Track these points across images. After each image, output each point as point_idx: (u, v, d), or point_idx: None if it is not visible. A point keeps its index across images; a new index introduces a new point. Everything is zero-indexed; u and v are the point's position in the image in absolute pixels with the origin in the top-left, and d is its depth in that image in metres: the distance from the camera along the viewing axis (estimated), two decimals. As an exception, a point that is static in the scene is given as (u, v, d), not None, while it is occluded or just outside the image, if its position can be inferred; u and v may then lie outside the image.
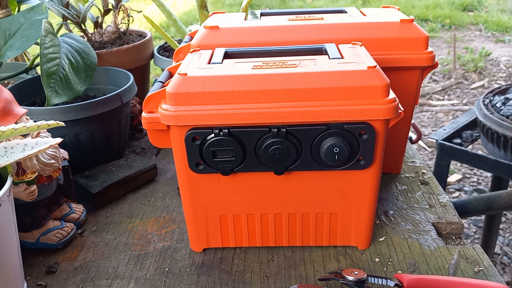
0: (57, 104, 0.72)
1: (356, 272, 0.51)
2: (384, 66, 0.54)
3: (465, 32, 3.82)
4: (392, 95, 0.49)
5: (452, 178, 2.08)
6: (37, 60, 0.83)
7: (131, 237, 0.64)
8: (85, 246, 0.63)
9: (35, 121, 0.49)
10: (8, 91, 0.56)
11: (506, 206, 1.30)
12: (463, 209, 1.31)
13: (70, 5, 0.91)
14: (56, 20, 0.92)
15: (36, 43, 0.79)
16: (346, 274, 0.51)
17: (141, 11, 1.01)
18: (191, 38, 0.71)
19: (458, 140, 1.47)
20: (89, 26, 0.98)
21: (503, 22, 3.84)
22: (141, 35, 1.04)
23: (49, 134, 0.60)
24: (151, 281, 0.56)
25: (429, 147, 2.35)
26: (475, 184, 2.07)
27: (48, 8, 0.84)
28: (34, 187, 0.56)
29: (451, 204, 0.68)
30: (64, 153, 0.64)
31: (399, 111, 0.50)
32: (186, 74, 0.50)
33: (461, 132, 1.50)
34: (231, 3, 4.39)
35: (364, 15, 0.70)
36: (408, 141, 0.78)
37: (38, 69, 0.79)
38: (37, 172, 0.56)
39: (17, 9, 0.97)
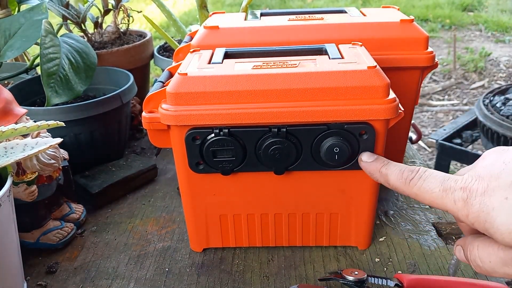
0: (57, 104, 0.72)
1: (356, 272, 0.51)
2: (384, 66, 0.54)
3: (465, 32, 3.82)
4: (392, 95, 0.49)
5: (452, 178, 2.07)
6: (37, 60, 0.83)
7: (131, 237, 0.64)
8: (85, 246, 0.63)
9: (35, 121, 0.49)
10: (8, 91, 0.56)
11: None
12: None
13: (70, 5, 0.91)
14: (56, 20, 0.92)
15: (36, 43, 0.79)
16: (346, 274, 0.51)
17: (141, 11, 1.01)
18: (191, 38, 0.71)
19: (458, 140, 1.47)
20: (89, 26, 0.98)
21: (503, 22, 3.84)
22: (141, 35, 1.04)
23: (49, 134, 0.60)
24: (151, 281, 0.56)
25: (429, 147, 2.35)
26: (475, 184, 2.06)
27: (48, 8, 0.84)
28: (34, 187, 0.56)
29: (451, 204, 0.68)
30: (64, 153, 0.64)
31: (399, 111, 0.50)
32: (186, 74, 0.50)
33: (461, 132, 1.50)
34: (231, 3, 4.39)
35: (364, 15, 0.70)
36: (408, 141, 0.78)
37: (38, 69, 0.79)
38: (37, 172, 0.56)
39: (17, 9, 0.97)
